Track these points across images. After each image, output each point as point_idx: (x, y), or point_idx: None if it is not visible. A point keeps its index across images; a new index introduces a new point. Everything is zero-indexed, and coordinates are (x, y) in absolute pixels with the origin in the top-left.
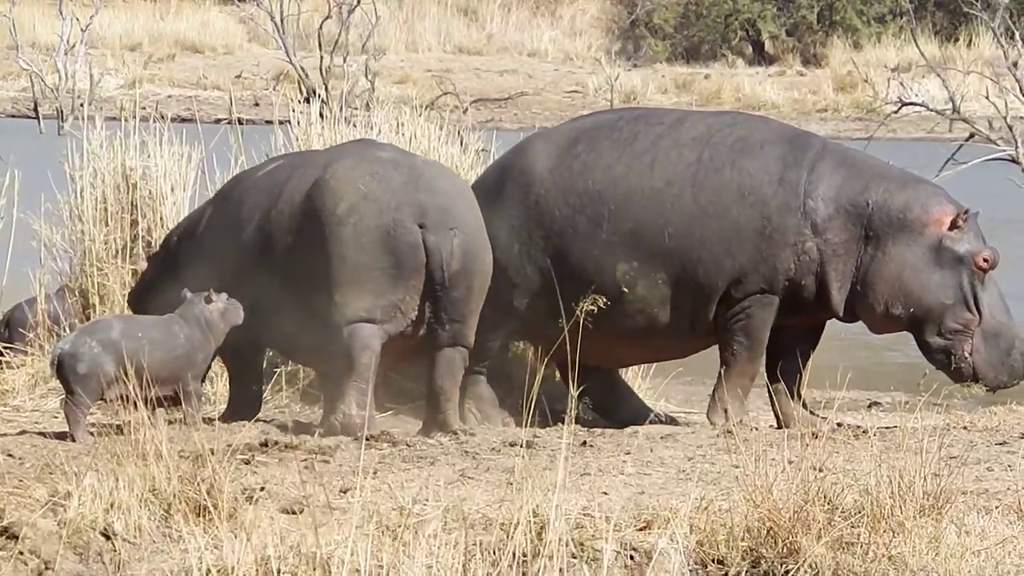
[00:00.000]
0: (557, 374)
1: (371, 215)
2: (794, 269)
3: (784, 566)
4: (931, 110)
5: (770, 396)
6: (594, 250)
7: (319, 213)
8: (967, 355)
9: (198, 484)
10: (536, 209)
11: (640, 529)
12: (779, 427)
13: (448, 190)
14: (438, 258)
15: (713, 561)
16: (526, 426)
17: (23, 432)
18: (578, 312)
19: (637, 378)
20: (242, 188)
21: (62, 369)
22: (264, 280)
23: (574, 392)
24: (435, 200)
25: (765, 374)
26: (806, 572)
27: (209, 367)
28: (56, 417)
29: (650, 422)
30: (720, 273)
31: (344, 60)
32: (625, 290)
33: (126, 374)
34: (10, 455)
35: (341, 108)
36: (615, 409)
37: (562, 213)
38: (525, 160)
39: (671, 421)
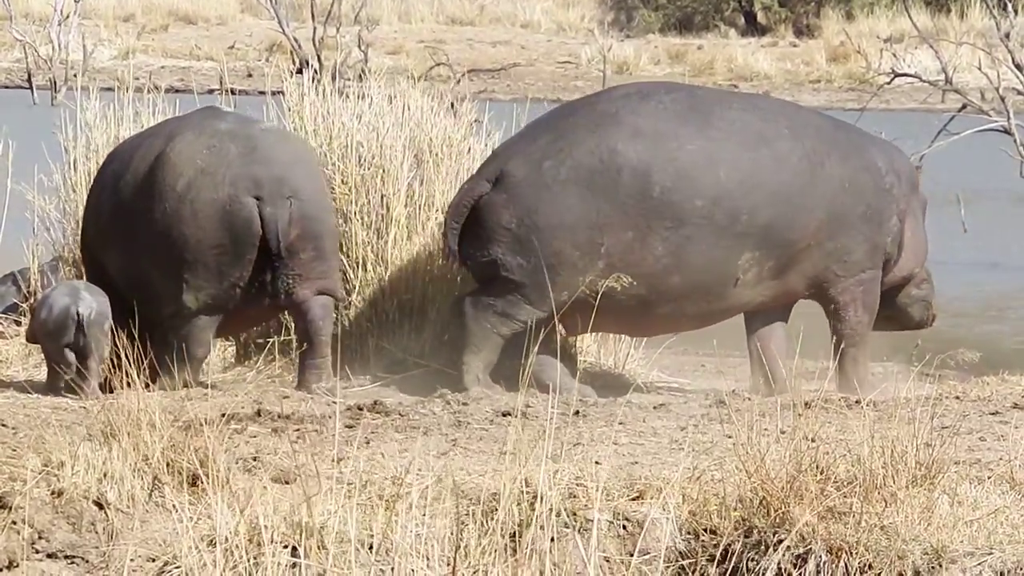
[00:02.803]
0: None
1: (207, 190)
2: (888, 245)
3: (776, 536)
4: (924, 81)
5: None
6: (727, 240)
7: (161, 189)
8: (932, 300)
9: (191, 454)
10: (661, 199)
11: (632, 499)
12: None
13: (285, 158)
14: (273, 228)
15: (705, 531)
16: (521, 396)
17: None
18: (599, 289)
19: (629, 347)
20: (111, 154)
21: (94, 328)
22: (114, 251)
23: (582, 361)
24: (271, 170)
25: (759, 346)
26: (798, 542)
27: None
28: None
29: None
30: (821, 259)
31: (337, 31)
32: (739, 276)
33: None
34: (3, 424)
35: (334, 79)
36: None
37: (694, 204)
38: (631, 148)
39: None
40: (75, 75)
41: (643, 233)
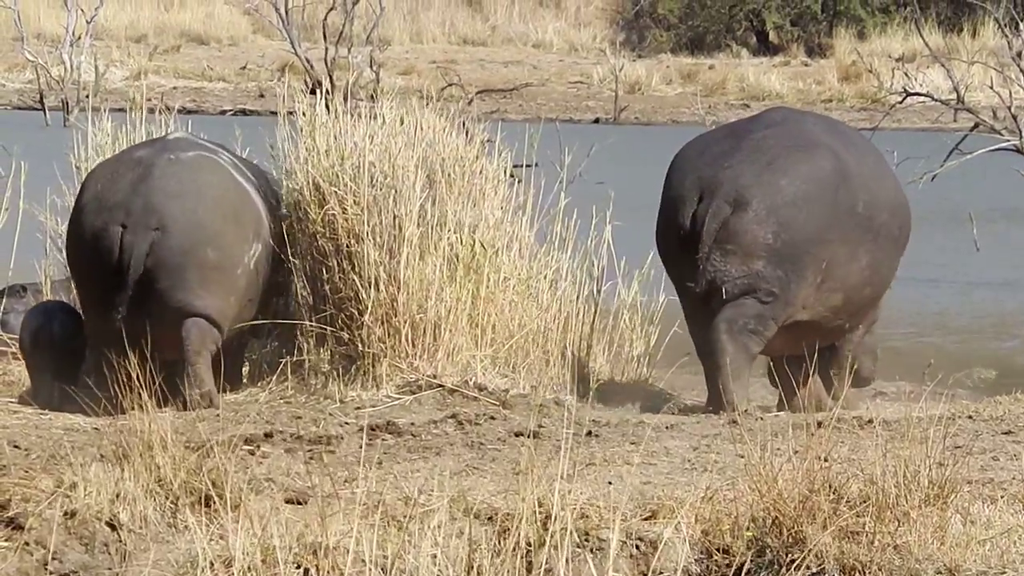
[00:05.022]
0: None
1: (91, 215)
2: None
3: (789, 556)
4: (936, 100)
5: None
6: (895, 253)
7: (73, 212)
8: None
9: (203, 474)
10: (864, 214)
11: (645, 519)
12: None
13: (170, 189)
14: (128, 255)
15: (718, 551)
16: (533, 416)
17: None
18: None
19: (641, 367)
20: None
21: (65, 345)
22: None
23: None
24: (149, 199)
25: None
26: (811, 562)
27: None
28: (62, 408)
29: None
30: (892, 275)
31: (349, 51)
32: (888, 290)
33: None
34: (16, 446)
35: (346, 99)
36: None
37: (881, 219)
38: (835, 165)
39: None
40: (87, 96)
41: (854, 246)
